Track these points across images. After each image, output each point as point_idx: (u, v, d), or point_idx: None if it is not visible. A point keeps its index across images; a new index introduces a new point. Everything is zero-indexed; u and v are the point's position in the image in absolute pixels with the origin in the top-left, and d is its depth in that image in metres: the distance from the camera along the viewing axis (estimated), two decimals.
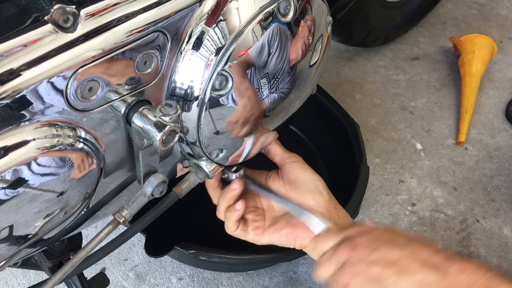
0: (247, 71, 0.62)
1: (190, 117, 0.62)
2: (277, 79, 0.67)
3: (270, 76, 0.66)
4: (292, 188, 0.78)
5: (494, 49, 1.56)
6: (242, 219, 0.78)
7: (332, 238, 0.70)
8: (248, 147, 0.73)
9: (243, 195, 0.78)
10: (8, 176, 0.50)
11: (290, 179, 0.79)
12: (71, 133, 0.54)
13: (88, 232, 1.15)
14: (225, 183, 0.78)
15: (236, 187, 0.75)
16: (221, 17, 0.59)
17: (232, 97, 0.63)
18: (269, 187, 0.80)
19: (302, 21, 0.66)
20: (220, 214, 0.77)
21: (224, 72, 0.60)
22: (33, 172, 0.51)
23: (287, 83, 0.69)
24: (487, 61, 1.54)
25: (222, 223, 0.81)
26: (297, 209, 0.75)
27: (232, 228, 0.76)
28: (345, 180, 1.13)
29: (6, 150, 0.49)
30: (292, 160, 0.80)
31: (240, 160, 0.75)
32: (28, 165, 0.51)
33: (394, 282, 0.61)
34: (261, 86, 0.65)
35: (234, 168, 0.76)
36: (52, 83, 0.49)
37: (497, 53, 1.58)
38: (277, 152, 0.80)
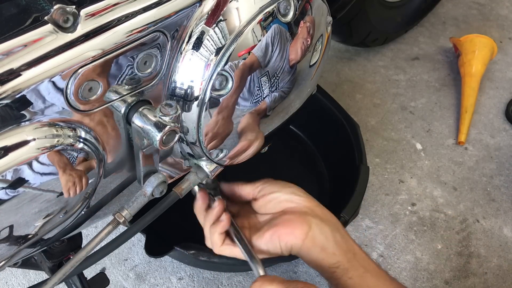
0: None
1: (190, 117, 0.62)
2: (277, 79, 0.67)
3: (270, 75, 0.66)
4: (270, 204, 0.77)
5: (494, 49, 1.56)
6: (228, 237, 0.76)
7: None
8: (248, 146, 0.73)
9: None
10: (8, 176, 0.50)
11: (266, 200, 0.77)
12: (71, 133, 0.54)
13: (88, 232, 1.15)
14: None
15: (216, 205, 0.74)
16: (221, 17, 0.59)
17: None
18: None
19: (302, 21, 0.66)
20: (207, 239, 0.75)
21: (224, 72, 0.60)
22: (33, 172, 0.51)
23: (287, 83, 0.69)
24: (487, 61, 1.54)
25: None
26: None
27: (217, 242, 0.74)
28: (345, 180, 1.13)
29: (6, 150, 0.49)
30: (261, 184, 0.77)
31: (241, 160, 0.75)
32: (28, 165, 0.51)
33: None
34: (261, 85, 0.65)
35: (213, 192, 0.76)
36: (52, 83, 0.49)
37: (497, 53, 1.58)
38: (247, 190, 0.78)
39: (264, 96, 0.67)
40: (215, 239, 0.74)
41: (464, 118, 1.43)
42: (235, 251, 0.74)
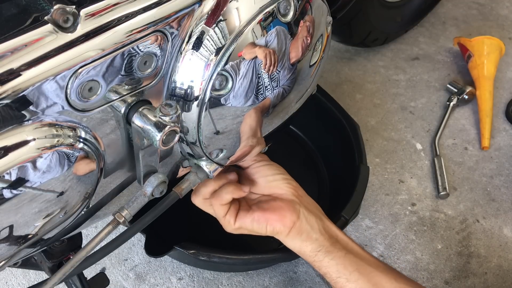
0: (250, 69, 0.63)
1: (190, 117, 0.62)
2: (277, 79, 0.67)
3: (270, 76, 0.66)
4: (260, 184, 0.81)
5: (502, 51, 1.56)
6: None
7: None
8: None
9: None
10: (8, 176, 0.50)
11: (258, 177, 0.81)
12: (71, 133, 0.54)
13: (88, 232, 1.15)
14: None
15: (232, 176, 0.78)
16: (221, 17, 0.59)
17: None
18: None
19: (302, 21, 0.66)
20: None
21: (224, 72, 0.60)
22: (33, 172, 0.51)
23: (288, 81, 0.69)
24: (497, 63, 1.54)
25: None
26: None
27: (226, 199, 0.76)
28: (345, 180, 1.13)
29: (6, 150, 0.49)
30: (259, 158, 0.82)
31: (241, 160, 0.75)
32: (28, 165, 0.51)
33: None
34: (262, 84, 0.65)
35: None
36: (52, 83, 0.49)
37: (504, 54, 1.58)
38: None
39: (266, 93, 0.67)
40: (224, 195, 0.76)
41: (486, 123, 1.42)
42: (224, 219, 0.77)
